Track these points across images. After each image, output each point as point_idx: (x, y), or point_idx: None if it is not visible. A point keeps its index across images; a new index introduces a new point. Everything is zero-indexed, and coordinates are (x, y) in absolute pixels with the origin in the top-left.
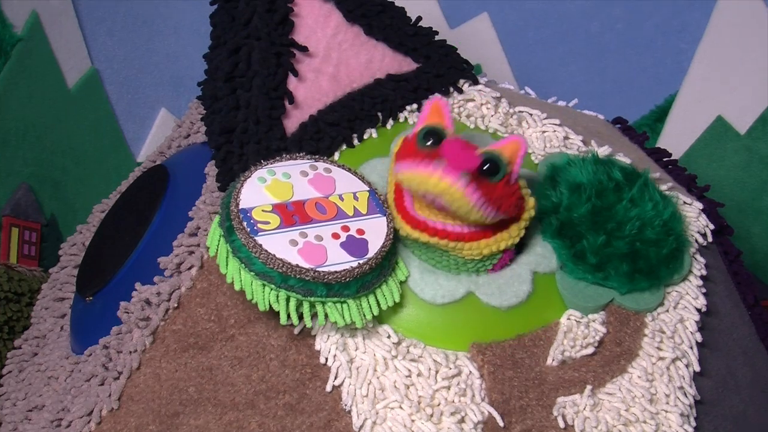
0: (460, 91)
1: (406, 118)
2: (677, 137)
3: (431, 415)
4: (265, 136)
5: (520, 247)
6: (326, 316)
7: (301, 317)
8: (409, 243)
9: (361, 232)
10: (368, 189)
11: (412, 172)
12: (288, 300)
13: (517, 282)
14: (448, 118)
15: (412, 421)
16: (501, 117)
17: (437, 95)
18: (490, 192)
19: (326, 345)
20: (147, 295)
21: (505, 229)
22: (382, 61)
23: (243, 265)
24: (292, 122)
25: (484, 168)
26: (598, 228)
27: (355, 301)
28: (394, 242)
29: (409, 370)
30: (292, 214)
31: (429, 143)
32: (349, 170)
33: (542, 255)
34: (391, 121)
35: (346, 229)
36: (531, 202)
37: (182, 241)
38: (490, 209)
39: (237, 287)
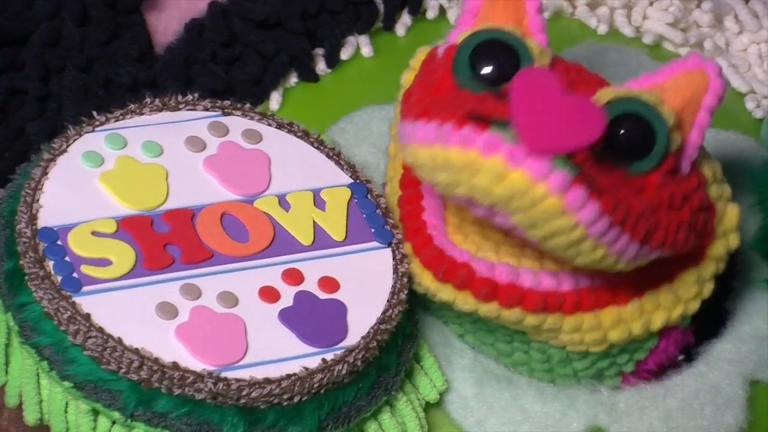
0: None
1: (442, 8)
2: None
3: None
4: (102, 53)
5: (708, 320)
6: None
7: None
8: (439, 309)
9: (329, 284)
10: (349, 181)
11: (432, 149)
12: None
13: (708, 404)
14: (535, 11)
15: None
16: (674, 5)
17: None
18: (627, 199)
19: None
20: None
21: (666, 280)
22: None
23: (46, 364)
24: (169, 16)
25: (615, 140)
26: None
27: None
28: (412, 306)
29: None
30: (166, 241)
31: (487, 74)
32: (306, 136)
33: None
34: (407, 17)
35: (293, 277)
36: (731, 214)
37: None
38: (628, 241)
39: (31, 418)
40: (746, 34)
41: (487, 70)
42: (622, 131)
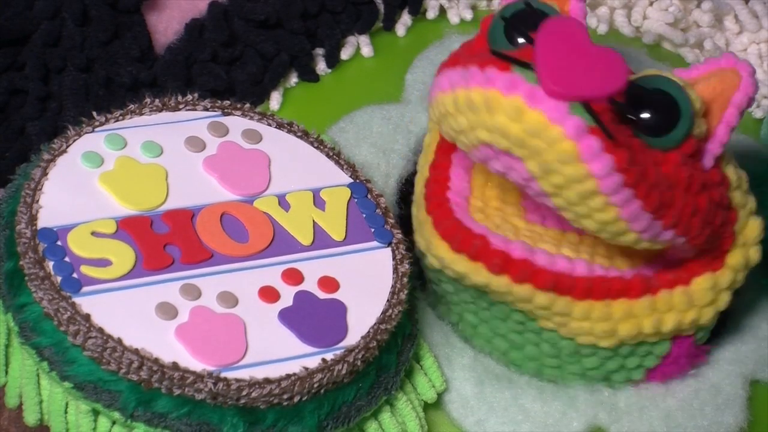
0: None
1: (442, 8)
2: None
3: None
4: (103, 53)
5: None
6: None
7: None
8: (452, 295)
9: (329, 283)
10: (349, 181)
11: (457, 91)
12: None
13: (708, 404)
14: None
15: None
16: (674, 5)
17: None
18: (643, 165)
19: None
20: None
21: (681, 282)
22: None
23: (46, 364)
24: (169, 17)
25: (636, 105)
26: None
27: None
28: (412, 305)
29: None
30: (166, 241)
31: (518, 38)
32: (305, 136)
33: None
34: (407, 17)
35: (293, 277)
36: (753, 226)
37: None
38: (640, 207)
39: (31, 418)
40: (746, 34)
41: (521, 39)
42: (647, 104)
